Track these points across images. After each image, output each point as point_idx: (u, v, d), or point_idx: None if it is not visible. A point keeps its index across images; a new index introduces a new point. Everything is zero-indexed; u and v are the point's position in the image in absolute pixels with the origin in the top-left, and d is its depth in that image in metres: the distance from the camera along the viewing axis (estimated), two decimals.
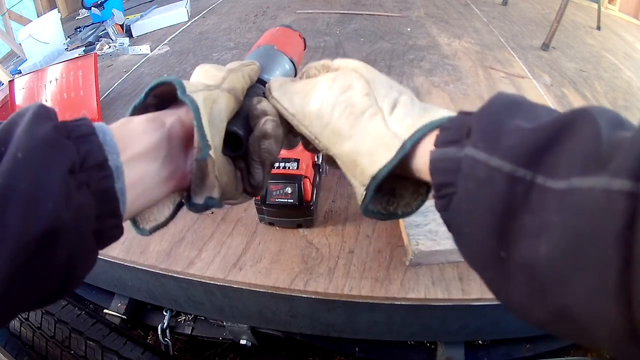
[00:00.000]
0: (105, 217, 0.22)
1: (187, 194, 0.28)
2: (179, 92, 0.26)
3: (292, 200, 0.59)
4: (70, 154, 0.21)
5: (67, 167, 0.20)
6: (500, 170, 0.19)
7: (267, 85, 0.34)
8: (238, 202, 0.32)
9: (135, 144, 0.25)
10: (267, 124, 0.30)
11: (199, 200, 0.27)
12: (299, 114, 0.30)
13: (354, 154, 0.27)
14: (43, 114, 0.22)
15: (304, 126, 0.30)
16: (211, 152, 0.26)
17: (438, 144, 0.24)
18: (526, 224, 0.18)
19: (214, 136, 0.26)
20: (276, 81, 0.33)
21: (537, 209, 0.18)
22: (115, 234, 0.24)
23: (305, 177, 0.60)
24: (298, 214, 0.63)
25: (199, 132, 0.25)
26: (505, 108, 0.22)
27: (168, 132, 0.26)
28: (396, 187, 0.29)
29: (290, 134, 0.33)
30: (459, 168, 0.21)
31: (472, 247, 0.22)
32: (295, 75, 0.46)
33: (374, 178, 0.26)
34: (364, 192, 0.27)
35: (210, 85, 0.29)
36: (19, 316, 0.74)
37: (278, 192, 0.59)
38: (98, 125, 0.23)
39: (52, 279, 0.21)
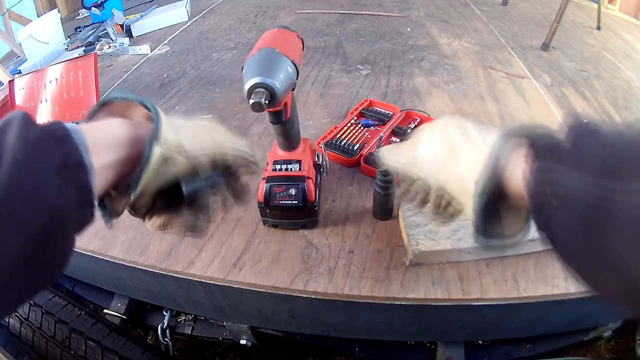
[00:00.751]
0: (85, 206, 0.27)
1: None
2: (149, 139, 0.31)
3: (296, 202, 0.59)
4: (56, 154, 0.25)
5: (55, 165, 0.25)
6: (592, 185, 0.23)
7: (378, 153, 0.44)
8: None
9: (108, 154, 0.29)
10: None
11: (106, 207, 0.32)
12: (410, 162, 0.39)
13: (459, 174, 0.33)
14: (29, 120, 0.25)
15: (417, 168, 0.38)
16: (133, 195, 0.31)
17: (532, 164, 0.28)
18: (611, 222, 0.22)
19: (147, 183, 0.32)
20: (385, 149, 0.44)
21: (619, 210, 0.22)
22: (90, 219, 0.29)
23: (308, 177, 0.60)
24: (302, 215, 0.63)
25: (137, 177, 0.31)
26: (582, 134, 0.27)
27: (134, 150, 0.31)
28: (501, 209, 0.33)
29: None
30: (556, 191, 0.26)
31: (571, 254, 0.27)
32: (297, 77, 0.46)
33: (477, 183, 0.31)
34: (474, 203, 0.31)
35: (180, 147, 0.33)
36: (19, 316, 0.74)
37: (282, 194, 0.59)
38: (70, 127, 0.27)
39: (55, 262, 0.26)
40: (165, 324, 0.79)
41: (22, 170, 0.22)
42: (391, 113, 0.89)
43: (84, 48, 1.48)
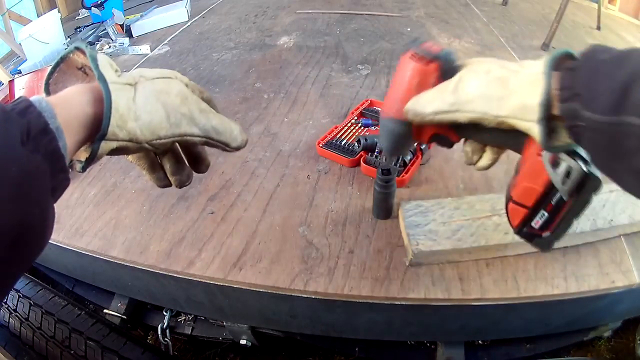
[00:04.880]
0: (57, 173, 0.27)
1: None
2: (97, 136, 0.31)
3: None
4: (19, 126, 0.24)
5: (19, 138, 0.24)
6: (600, 121, 0.29)
7: (406, 110, 0.40)
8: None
9: (76, 131, 0.30)
10: None
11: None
12: (458, 104, 0.38)
13: (520, 101, 0.35)
14: None
15: (468, 111, 0.37)
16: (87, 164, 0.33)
17: (560, 95, 0.32)
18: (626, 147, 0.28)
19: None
20: (414, 101, 0.41)
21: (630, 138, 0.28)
22: (65, 185, 0.28)
23: None
24: None
25: (86, 162, 0.33)
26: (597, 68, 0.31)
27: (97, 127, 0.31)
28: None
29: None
30: (577, 122, 0.31)
31: (600, 163, 0.34)
32: None
33: (542, 104, 0.33)
34: (540, 125, 0.34)
35: (133, 138, 0.34)
36: (19, 316, 0.74)
37: None
38: (34, 98, 0.27)
39: (35, 231, 0.25)
40: (165, 324, 0.79)
41: None
42: None
43: None
